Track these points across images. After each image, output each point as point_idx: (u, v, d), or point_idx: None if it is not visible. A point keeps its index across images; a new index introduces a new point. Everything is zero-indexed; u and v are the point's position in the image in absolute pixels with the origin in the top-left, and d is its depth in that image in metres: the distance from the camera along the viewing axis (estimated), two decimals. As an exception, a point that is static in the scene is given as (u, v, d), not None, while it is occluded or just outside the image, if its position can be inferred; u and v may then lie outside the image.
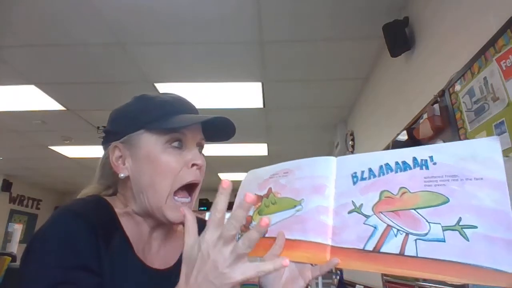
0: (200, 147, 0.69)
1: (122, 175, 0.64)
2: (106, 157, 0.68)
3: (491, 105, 1.31)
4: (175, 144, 0.64)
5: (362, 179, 0.57)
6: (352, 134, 3.59)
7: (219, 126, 0.69)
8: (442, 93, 1.68)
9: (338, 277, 3.68)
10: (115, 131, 0.67)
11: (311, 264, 0.60)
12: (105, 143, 0.69)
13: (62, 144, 4.67)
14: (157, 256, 0.66)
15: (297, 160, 0.70)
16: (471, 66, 1.45)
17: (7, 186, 6.38)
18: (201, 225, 0.82)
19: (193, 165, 0.64)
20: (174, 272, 0.64)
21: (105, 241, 0.57)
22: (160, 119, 0.63)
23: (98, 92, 3.19)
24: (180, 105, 0.67)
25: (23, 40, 2.45)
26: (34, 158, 5.38)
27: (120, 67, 2.82)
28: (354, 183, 0.58)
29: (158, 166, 0.62)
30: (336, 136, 4.13)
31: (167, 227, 0.70)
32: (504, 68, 1.24)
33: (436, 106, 1.71)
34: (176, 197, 0.63)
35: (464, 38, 1.53)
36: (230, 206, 0.44)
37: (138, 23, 2.29)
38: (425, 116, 1.78)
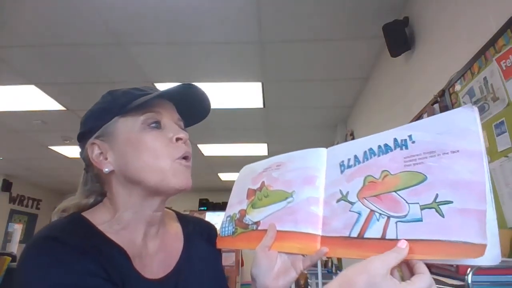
0: (179, 127, 0.67)
1: (106, 169, 0.61)
2: (85, 157, 0.64)
3: (491, 105, 1.31)
4: (153, 125, 0.62)
5: (349, 166, 0.57)
6: (352, 134, 3.59)
7: (193, 101, 0.69)
8: (442, 93, 1.68)
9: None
10: (88, 129, 0.64)
11: (302, 255, 0.60)
12: (82, 147, 0.65)
13: (62, 144, 4.67)
14: (155, 260, 0.63)
15: (289, 152, 0.70)
16: (471, 66, 1.45)
17: (7, 186, 6.38)
18: (204, 225, 0.83)
19: (177, 139, 0.62)
20: (171, 279, 0.62)
21: (98, 256, 0.53)
22: (130, 101, 0.61)
23: (98, 92, 3.11)
24: (148, 88, 0.66)
25: (23, 40, 2.45)
26: (34, 158, 5.38)
27: (120, 67, 2.82)
28: (342, 171, 0.58)
29: (143, 145, 0.60)
30: (336, 136, 4.13)
31: (160, 227, 0.67)
32: (504, 68, 1.24)
33: (436, 106, 1.71)
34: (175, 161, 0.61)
35: (464, 38, 1.53)
36: (224, 205, 0.44)
37: (138, 23, 2.29)
38: (425, 116, 1.78)
